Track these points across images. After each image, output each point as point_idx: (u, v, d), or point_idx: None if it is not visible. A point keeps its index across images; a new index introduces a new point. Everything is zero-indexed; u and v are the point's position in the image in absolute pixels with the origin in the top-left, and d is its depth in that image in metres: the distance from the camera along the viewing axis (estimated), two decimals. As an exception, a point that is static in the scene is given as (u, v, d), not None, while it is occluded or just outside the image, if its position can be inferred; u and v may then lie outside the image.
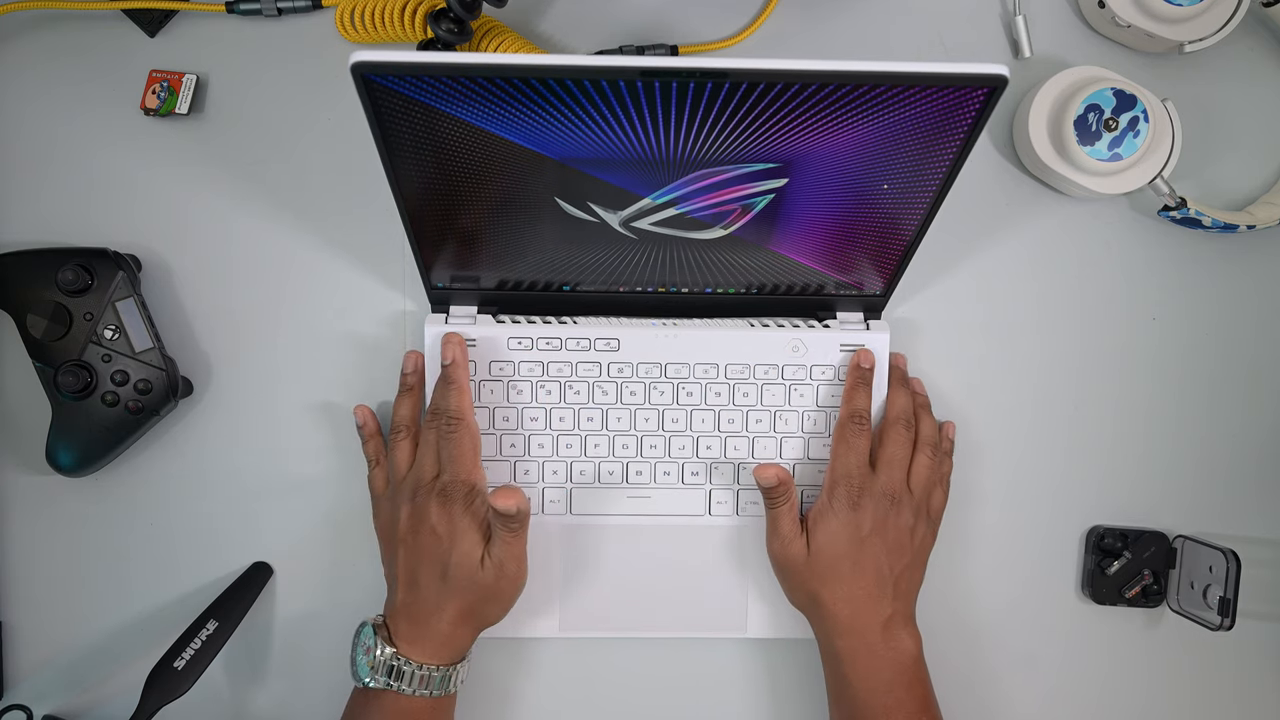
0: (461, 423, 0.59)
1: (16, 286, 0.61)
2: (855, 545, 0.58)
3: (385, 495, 0.61)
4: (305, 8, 0.65)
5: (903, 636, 0.59)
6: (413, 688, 0.55)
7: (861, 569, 0.58)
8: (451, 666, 0.57)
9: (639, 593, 0.64)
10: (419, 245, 0.57)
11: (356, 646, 0.57)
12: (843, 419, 0.62)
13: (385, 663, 0.56)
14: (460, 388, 0.60)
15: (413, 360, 0.63)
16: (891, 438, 0.62)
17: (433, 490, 0.58)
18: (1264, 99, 0.69)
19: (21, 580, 0.64)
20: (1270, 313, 0.68)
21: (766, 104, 0.46)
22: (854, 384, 0.63)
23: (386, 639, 0.56)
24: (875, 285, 0.62)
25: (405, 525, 0.58)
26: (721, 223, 0.56)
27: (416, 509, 0.58)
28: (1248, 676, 0.67)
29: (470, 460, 0.58)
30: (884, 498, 0.59)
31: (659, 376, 0.64)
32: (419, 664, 0.56)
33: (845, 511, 0.59)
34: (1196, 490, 0.68)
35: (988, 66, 0.45)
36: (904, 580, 0.60)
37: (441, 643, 0.57)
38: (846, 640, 0.58)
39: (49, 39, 0.65)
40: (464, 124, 0.48)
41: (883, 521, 0.59)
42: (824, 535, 0.59)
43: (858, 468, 0.60)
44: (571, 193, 0.54)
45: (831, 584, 0.59)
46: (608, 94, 0.46)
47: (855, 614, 0.58)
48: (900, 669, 0.58)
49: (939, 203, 0.55)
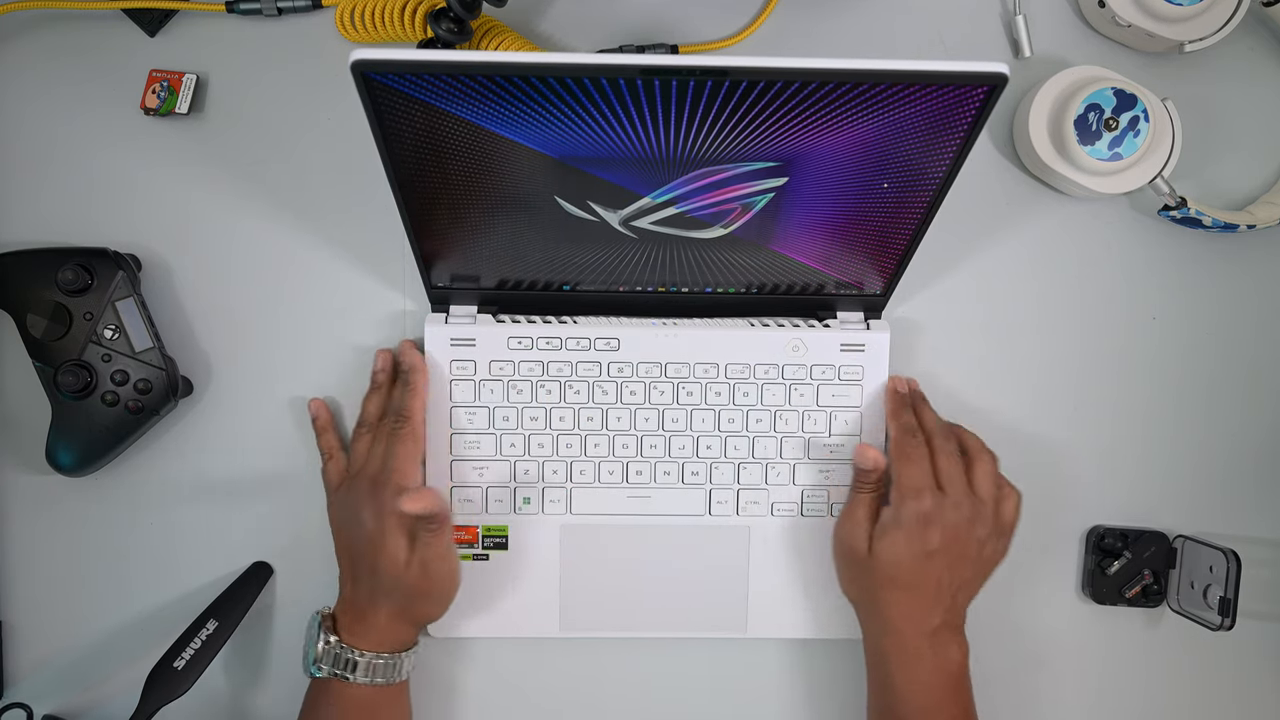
0: (408, 423, 0.60)
1: (16, 286, 0.61)
2: (919, 560, 0.58)
3: (339, 489, 0.61)
4: (305, 7, 0.65)
5: (950, 645, 0.58)
6: (356, 675, 0.57)
7: (923, 580, 0.58)
8: (396, 655, 0.58)
9: (639, 593, 0.64)
10: (419, 244, 0.57)
11: (307, 638, 0.58)
12: (897, 436, 0.61)
13: (330, 651, 0.57)
14: (415, 390, 0.61)
15: (382, 359, 0.63)
16: (938, 452, 0.60)
17: (371, 487, 0.58)
18: (1264, 99, 0.69)
19: (21, 580, 0.64)
20: (1270, 313, 0.68)
21: (766, 103, 0.46)
22: (896, 405, 0.63)
23: (330, 628, 0.58)
24: (875, 285, 0.62)
25: (346, 519, 0.59)
26: (721, 222, 0.56)
27: (354, 504, 0.59)
28: (1248, 676, 0.67)
29: (407, 462, 0.59)
30: (957, 514, 0.58)
31: (659, 376, 0.64)
32: (361, 652, 0.57)
33: (914, 527, 0.58)
34: (1196, 490, 0.68)
35: (988, 65, 0.45)
36: (962, 592, 0.60)
37: (382, 635, 0.58)
38: (893, 640, 0.58)
39: (49, 39, 0.65)
40: (464, 122, 0.48)
41: (954, 538, 0.58)
42: (888, 545, 0.58)
43: (926, 480, 0.59)
44: (571, 191, 0.54)
45: (888, 588, 0.58)
46: (608, 92, 0.46)
47: (906, 620, 0.58)
48: (945, 675, 0.58)
49: (939, 202, 0.55)
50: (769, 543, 0.64)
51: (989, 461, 0.61)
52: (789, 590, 0.64)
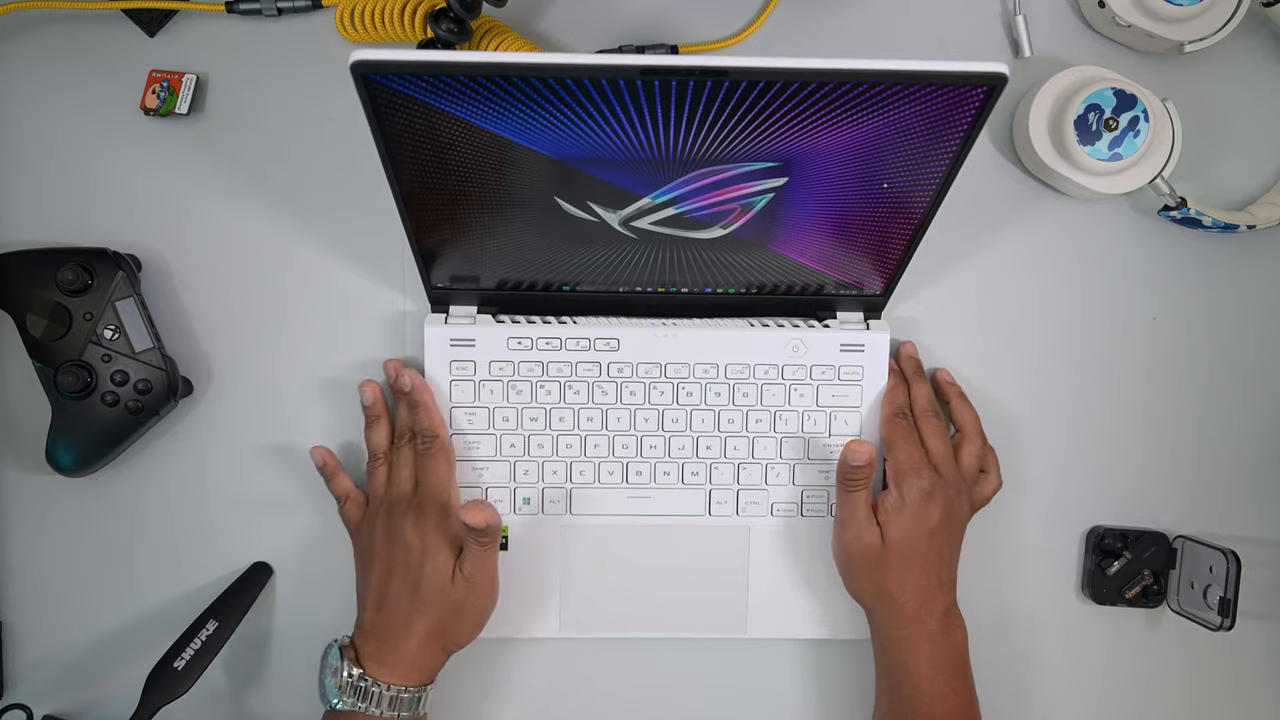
0: (437, 440, 0.60)
1: (16, 286, 0.61)
2: (925, 537, 0.59)
3: (362, 523, 0.61)
4: (305, 8, 0.65)
5: (956, 625, 0.60)
6: (380, 709, 0.55)
7: (929, 560, 0.59)
8: (421, 688, 0.57)
9: (639, 593, 0.64)
10: (418, 245, 0.57)
11: (324, 668, 0.56)
12: (887, 415, 0.63)
13: (353, 684, 0.55)
14: (427, 408, 0.61)
15: (369, 392, 0.62)
16: (928, 431, 0.62)
17: (409, 506, 0.58)
18: (1264, 99, 0.69)
19: (21, 580, 0.64)
20: (1270, 313, 0.68)
21: (766, 103, 0.46)
22: (894, 383, 0.64)
23: (354, 659, 0.56)
24: (875, 285, 0.62)
25: (380, 542, 0.59)
26: (721, 222, 0.56)
27: (392, 526, 0.58)
28: (1248, 676, 0.67)
29: (445, 478, 0.60)
30: (950, 488, 0.60)
31: (659, 376, 0.64)
32: (387, 684, 0.55)
33: (918, 504, 0.59)
34: (1196, 490, 0.68)
35: (987, 65, 0.45)
36: (950, 568, 0.61)
37: (410, 663, 0.56)
38: (909, 629, 0.59)
39: (49, 39, 0.65)
40: (464, 123, 0.48)
41: (949, 512, 0.60)
42: (899, 528, 0.59)
43: (922, 459, 0.60)
44: (571, 192, 0.54)
45: (901, 575, 0.59)
46: (607, 93, 0.46)
47: (920, 605, 0.59)
48: (955, 657, 0.59)
49: (939, 202, 0.55)
50: (769, 543, 0.64)
51: (978, 443, 0.63)
52: (789, 590, 0.64)
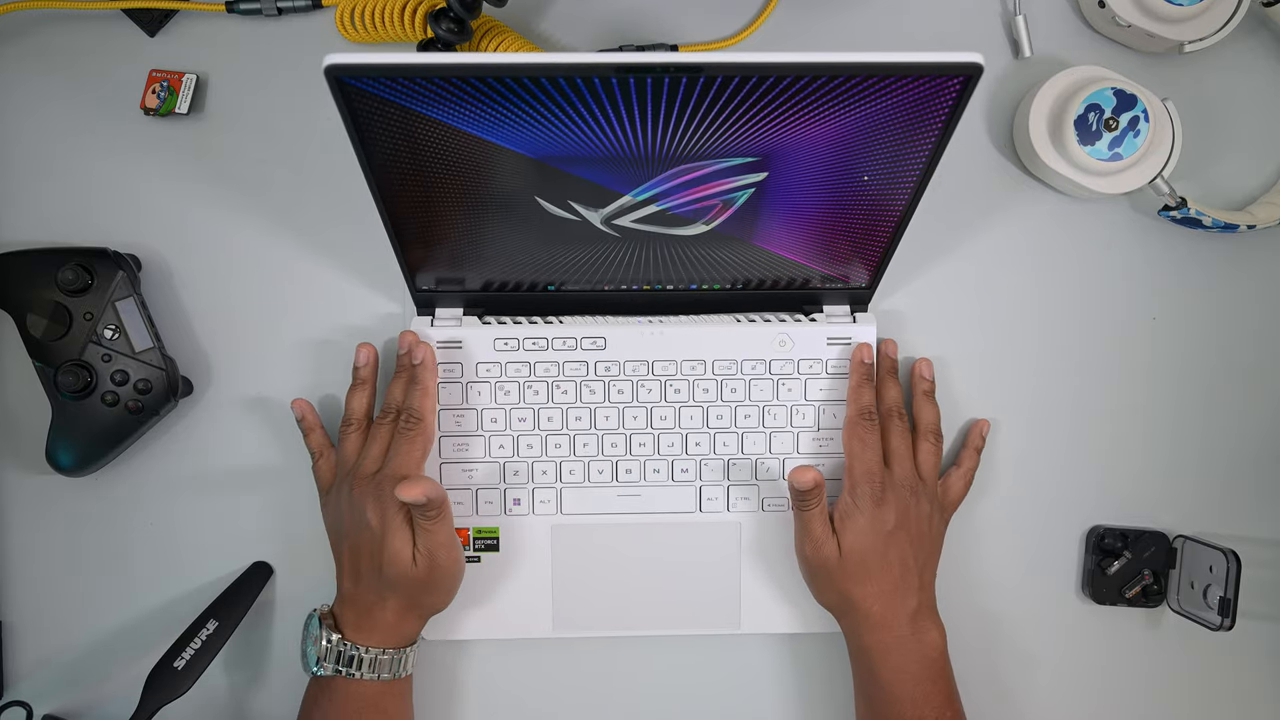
0: (422, 424, 0.59)
1: (16, 286, 0.61)
2: (882, 540, 0.59)
3: (331, 486, 0.61)
4: (305, 7, 0.65)
5: (929, 628, 0.59)
6: (362, 672, 0.56)
7: (889, 563, 0.59)
8: (401, 650, 0.58)
9: (631, 591, 0.64)
10: (402, 248, 0.57)
11: (305, 637, 0.58)
12: (852, 416, 0.62)
13: (333, 649, 0.56)
14: (426, 390, 0.60)
15: (364, 353, 0.63)
16: (890, 430, 0.62)
17: (370, 484, 0.58)
18: (1264, 99, 0.69)
19: (21, 580, 0.64)
20: (1270, 313, 0.68)
21: (743, 98, 0.46)
22: (859, 381, 0.63)
23: (333, 626, 0.57)
24: (860, 278, 0.62)
25: (346, 519, 0.59)
26: (703, 218, 0.56)
27: (354, 503, 0.58)
28: (1248, 676, 0.67)
29: (415, 462, 0.59)
30: (903, 490, 0.60)
31: (646, 374, 0.64)
32: (366, 648, 0.56)
33: (870, 508, 0.59)
34: (1196, 490, 0.68)
35: (962, 55, 0.45)
36: (926, 571, 0.60)
37: (388, 630, 0.57)
38: (878, 635, 0.58)
39: (49, 39, 0.65)
40: (441, 125, 0.48)
41: (905, 514, 0.59)
42: (853, 534, 0.59)
43: (876, 463, 0.60)
44: (552, 191, 0.53)
45: (862, 581, 0.59)
46: (583, 91, 0.45)
47: (886, 609, 0.58)
48: (928, 661, 0.58)
49: (920, 193, 0.54)
50: (760, 538, 0.64)
51: (931, 442, 0.63)
52: (781, 586, 0.64)
